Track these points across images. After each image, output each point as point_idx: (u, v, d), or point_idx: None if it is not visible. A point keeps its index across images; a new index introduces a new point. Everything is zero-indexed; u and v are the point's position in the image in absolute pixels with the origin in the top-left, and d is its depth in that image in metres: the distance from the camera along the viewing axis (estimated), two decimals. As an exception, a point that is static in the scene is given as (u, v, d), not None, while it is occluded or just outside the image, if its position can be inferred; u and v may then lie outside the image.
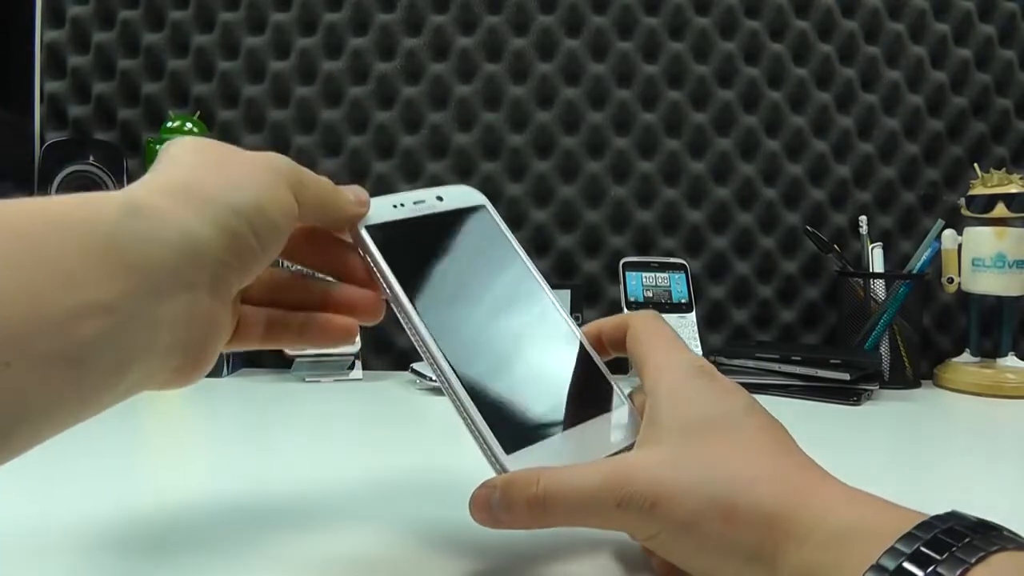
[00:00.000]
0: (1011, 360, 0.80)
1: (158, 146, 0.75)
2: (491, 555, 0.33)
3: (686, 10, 0.87)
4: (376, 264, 0.33)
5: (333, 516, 0.38)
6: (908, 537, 0.22)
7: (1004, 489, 0.48)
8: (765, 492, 0.26)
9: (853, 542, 0.24)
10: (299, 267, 0.36)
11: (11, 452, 0.23)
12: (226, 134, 0.85)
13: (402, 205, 0.36)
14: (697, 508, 0.27)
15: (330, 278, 0.36)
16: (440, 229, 0.37)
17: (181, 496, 0.41)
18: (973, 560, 0.21)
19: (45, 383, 0.22)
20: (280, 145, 0.86)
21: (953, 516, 0.23)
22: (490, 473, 0.30)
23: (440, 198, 0.37)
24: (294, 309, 0.35)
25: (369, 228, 0.34)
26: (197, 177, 0.28)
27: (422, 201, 0.37)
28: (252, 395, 0.69)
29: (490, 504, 0.29)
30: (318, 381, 0.74)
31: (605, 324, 0.37)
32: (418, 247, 0.35)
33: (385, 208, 0.35)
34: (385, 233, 0.34)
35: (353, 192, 0.34)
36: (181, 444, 0.54)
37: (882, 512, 0.25)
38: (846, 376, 0.70)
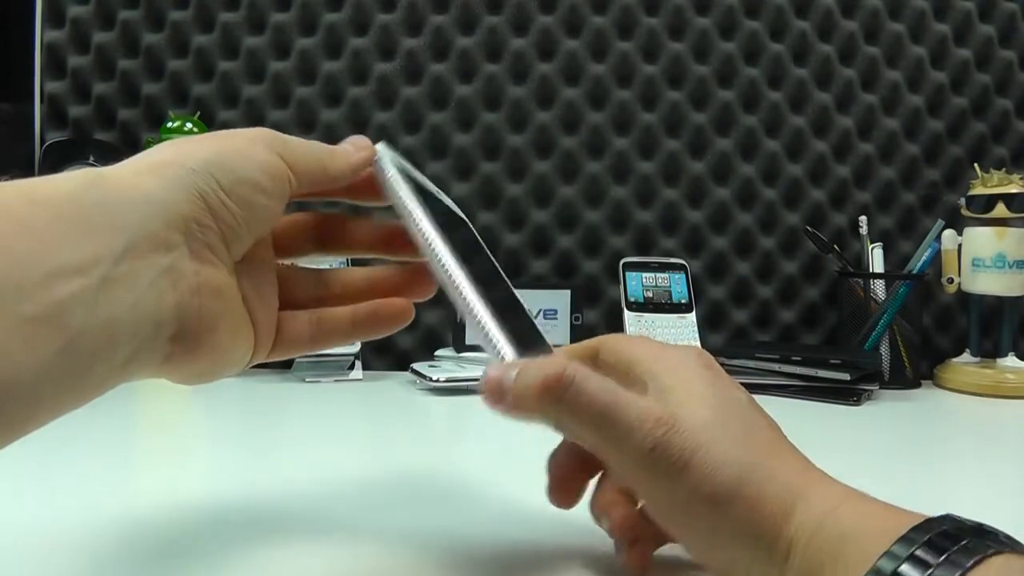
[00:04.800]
0: (1011, 360, 0.80)
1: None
2: (492, 557, 0.33)
3: (686, 10, 0.87)
4: (396, 194, 0.32)
5: (332, 517, 0.38)
6: (904, 540, 0.22)
7: (1004, 489, 0.48)
8: (783, 486, 0.26)
9: (851, 546, 0.24)
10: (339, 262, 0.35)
11: (7, 426, 0.23)
12: (226, 134, 0.85)
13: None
14: (726, 483, 0.26)
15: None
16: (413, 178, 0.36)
17: (180, 496, 0.41)
18: (970, 563, 0.21)
19: (30, 347, 0.22)
20: (280, 145, 0.86)
21: (948, 519, 0.23)
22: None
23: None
24: (340, 304, 0.34)
25: (383, 162, 0.33)
26: (161, 152, 0.28)
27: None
28: (252, 395, 0.69)
29: (502, 381, 0.27)
30: (318, 381, 0.74)
31: (575, 349, 0.33)
32: (416, 184, 0.35)
33: (387, 152, 0.34)
34: (397, 169, 0.34)
35: (349, 142, 0.33)
36: (181, 444, 0.54)
37: (878, 515, 0.25)
38: (846, 376, 0.70)
